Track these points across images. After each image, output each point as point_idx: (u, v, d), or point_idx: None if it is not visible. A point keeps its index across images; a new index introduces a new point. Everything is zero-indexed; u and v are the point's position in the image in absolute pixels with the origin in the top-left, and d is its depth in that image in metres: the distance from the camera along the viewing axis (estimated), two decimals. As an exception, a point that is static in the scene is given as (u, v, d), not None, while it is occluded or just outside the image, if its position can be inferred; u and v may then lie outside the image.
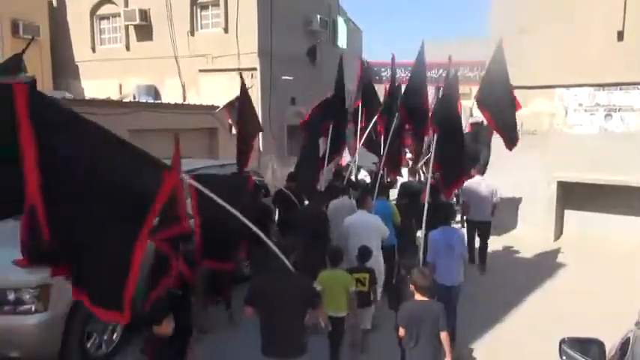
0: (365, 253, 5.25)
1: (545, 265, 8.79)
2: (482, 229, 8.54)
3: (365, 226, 5.91)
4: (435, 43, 26.69)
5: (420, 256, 5.79)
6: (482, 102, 7.40)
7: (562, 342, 3.04)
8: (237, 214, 3.76)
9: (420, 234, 6.49)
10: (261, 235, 3.94)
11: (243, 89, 7.46)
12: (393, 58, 9.39)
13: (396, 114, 8.04)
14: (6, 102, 2.76)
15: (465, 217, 9.38)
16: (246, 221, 3.84)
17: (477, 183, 8.65)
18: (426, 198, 6.22)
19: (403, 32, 77.54)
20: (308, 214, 6.72)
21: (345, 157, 11.43)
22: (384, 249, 6.15)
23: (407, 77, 17.20)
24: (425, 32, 73.13)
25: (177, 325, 3.64)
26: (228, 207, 3.69)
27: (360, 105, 9.64)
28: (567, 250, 9.71)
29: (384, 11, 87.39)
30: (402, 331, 4.14)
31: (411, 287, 4.15)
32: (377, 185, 7.51)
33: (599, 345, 2.99)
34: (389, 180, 9.15)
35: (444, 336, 4.03)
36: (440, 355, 4.10)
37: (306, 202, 7.76)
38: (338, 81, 9.29)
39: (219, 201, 3.67)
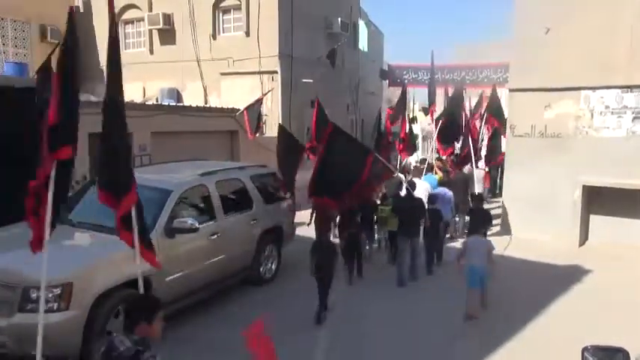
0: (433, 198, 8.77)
1: (569, 272, 8.56)
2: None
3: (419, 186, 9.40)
4: (460, 47, 26.56)
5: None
6: (489, 110, 13.23)
7: (585, 350, 2.96)
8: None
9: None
10: (403, 179, 8.31)
11: None
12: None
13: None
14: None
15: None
16: (400, 175, 7.99)
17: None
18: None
19: (424, 35, 77.22)
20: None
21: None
22: None
23: (427, 80, 17.70)
24: (446, 35, 72.69)
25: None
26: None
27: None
28: (592, 256, 9.44)
29: (404, 15, 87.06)
30: None
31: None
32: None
33: (624, 354, 2.90)
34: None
35: None
36: None
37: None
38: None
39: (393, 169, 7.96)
